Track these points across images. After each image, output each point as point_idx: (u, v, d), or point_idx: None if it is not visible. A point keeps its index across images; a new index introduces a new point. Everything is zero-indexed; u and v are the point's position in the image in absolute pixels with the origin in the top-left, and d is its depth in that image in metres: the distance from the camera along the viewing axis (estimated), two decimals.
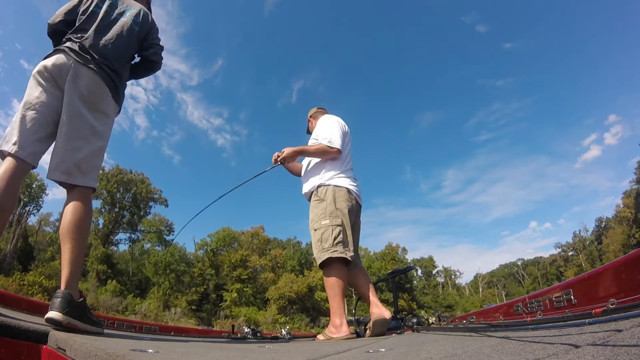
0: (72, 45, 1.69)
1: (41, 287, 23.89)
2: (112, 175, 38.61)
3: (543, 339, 0.80)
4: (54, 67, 1.61)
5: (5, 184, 1.41)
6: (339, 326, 2.30)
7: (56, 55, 1.65)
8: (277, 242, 47.38)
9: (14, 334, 1.03)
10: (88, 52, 1.69)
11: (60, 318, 1.26)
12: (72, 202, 1.50)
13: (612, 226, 47.04)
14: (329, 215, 2.49)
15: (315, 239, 2.47)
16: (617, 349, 0.56)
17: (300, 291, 35.89)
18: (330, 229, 2.43)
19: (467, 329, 1.81)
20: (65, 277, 1.39)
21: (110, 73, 1.74)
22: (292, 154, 2.76)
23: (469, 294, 62.61)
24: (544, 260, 64.51)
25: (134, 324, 3.69)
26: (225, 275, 38.27)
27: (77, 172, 1.53)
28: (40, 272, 26.75)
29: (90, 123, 1.61)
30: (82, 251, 1.47)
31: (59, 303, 1.30)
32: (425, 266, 59.47)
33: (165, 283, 33.85)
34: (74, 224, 1.45)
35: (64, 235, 1.44)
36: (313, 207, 2.62)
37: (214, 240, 40.19)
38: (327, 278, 2.40)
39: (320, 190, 2.62)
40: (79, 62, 1.64)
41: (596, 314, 0.99)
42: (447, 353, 0.82)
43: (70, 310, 1.30)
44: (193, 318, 30.85)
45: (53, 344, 1.03)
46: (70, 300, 1.33)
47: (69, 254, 1.41)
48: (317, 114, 3.12)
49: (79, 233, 1.46)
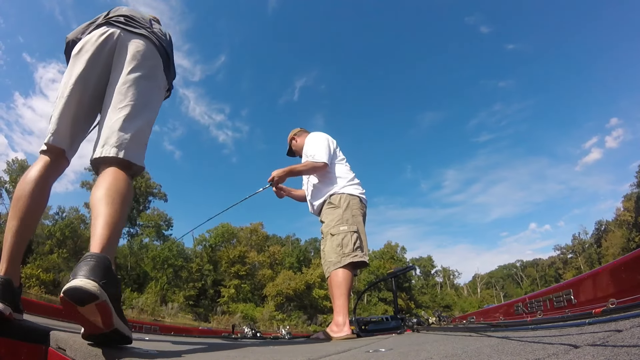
0: (116, 18, 1.51)
1: (38, 280, 23.84)
2: None
3: (543, 339, 0.80)
4: (99, 39, 1.42)
5: (39, 178, 1.26)
6: (341, 325, 2.35)
7: (96, 30, 1.47)
8: (276, 239, 47.43)
9: (14, 334, 1.03)
10: (135, 20, 1.54)
11: (94, 289, 0.79)
12: (114, 173, 1.17)
13: (611, 229, 47.03)
14: (346, 221, 2.61)
15: (335, 244, 2.56)
16: (617, 349, 0.56)
17: (298, 288, 35.95)
18: (349, 235, 2.56)
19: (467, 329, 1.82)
20: (100, 239, 0.96)
21: (162, 40, 1.57)
22: (282, 174, 2.82)
23: (467, 294, 62.70)
24: (543, 262, 64.65)
25: (134, 324, 3.69)
26: (223, 271, 38.34)
27: (130, 145, 1.25)
28: (38, 265, 26.73)
29: (141, 92, 1.37)
30: (123, 219, 1.10)
31: (92, 267, 0.84)
32: (424, 266, 59.55)
33: (163, 278, 33.94)
34: (116, 190, 1.11)
35: (101, 197, 1.07)
36: (327, 213, 2.72)
37: (213, 235, 40.27)
38: (336, 277, 2.49)
39: (334, 198, 2.72)
40: (127, 30, 1.47)
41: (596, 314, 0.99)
42: (447, 353, 0.82)
43: (107, 283, 0.84)
44: (190, 313, 30.84)
45: (53, 343, 1.02)
46: (108, 268, 0.88)
47: (107, 217, 1.02)
48: (300, 132, 3.20)
49: (120, 199, 1.09)
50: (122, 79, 1.36)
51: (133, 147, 1.26)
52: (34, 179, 1.26)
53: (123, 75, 1.37)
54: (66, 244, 33.56)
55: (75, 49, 1.44)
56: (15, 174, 33.10)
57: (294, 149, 3.21)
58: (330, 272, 2.54)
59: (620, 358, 0.50)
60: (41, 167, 1.29)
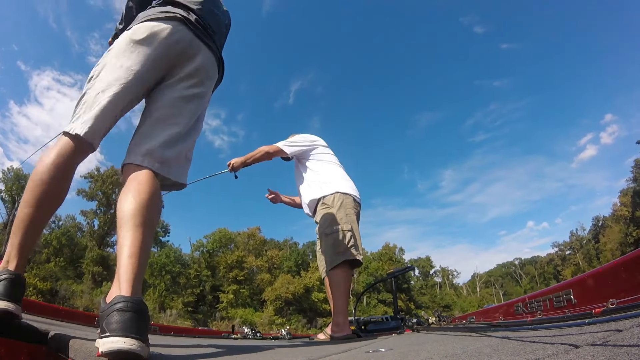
0: (187, 13, 1.33)
1: (35, 289, 23.78)
2: (107, 176, 38.34)
3: (543, 339, 0.80)
4: (171, 37, 1.25)
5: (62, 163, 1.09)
6: (341, 325, 2.35)
7: (169, 24, 1.27)
8: (273, 243, 47.25)
9: (14, 334, 1.03)
10: (206, 24, 1.39)
11: (139, 350, 0.76)
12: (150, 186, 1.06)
13: (609, 225, 47.09)
14: (339, 220, 2.60)
15: (329, 244, 2.55)
16: (617, 349, 0.56)
17: (297, 292, 35.82)
18: (342, 234, 2.54)
19: (467, 329, 1.82)
20: (130, 274, 0.88)
21: (219, 54, 1.46)
22: (239, 162, 2.85)
23: (467, 293, 62.68)
24: (541, 260, 64.67)
25: None
26: (221, 276, 38.18)
27: (174, 162, 1.19)
28: (35, 274, 26.69)
29: (195, 109, 1.28)
30: (151, 243, 1.03)
31: (130, 321, 0.78)
32: (423, 266, 59.48)
33: (161, 285, 33.70)
34: (148, 207, 1.00)
35: (132, 215, 0.96)
36: (321, 213, 2.71)
37: (210, 241, 40.08)
38: (334, 278, 2.49)
39: (328, 199, 2.72)
40: (198, 37, 1.33)
41: (596, 314, 0.99)
42: (447, 353, 0.82)
43: (145, 331, 0.81)
44: (189, 320, 30.78)
45: (53, 344, 1.03)
46: (144, 314, 0.82)
47: (137, 243, 0.93)
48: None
49: (151, 219, 1.00)
50: (181, 92, 1.26)
51: (176, 165, 1.20)
52: (57, 164, 1.08)
53: (183, 87, 1.27)
54: (63, 252, 33.32)
55: (138, 33, 1.22)
56: (10, 182, 32.86)
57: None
58: (326, 272, 2.54)
59: (620, 358, 0.50)
60: (65, 150, 1.10)
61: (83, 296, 27.96)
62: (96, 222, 38.42)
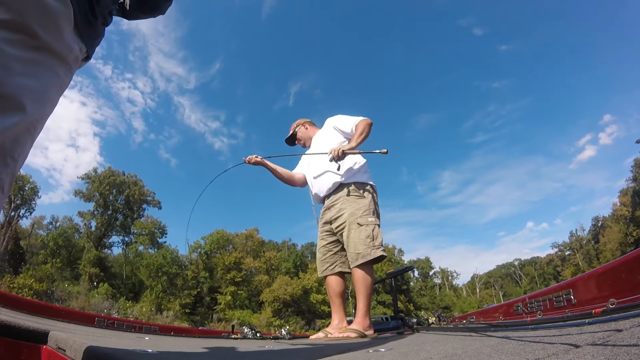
0: None
1: (31, 290, 23.72)
2: (104, 177, 38.15)
3: (543, 339, 0.80)
4: None
5: None
6: (368, 328, 2.32)
7: None
8: (272, 244, 47.09)
9: (14, 334, 1.03)
10: None
11: None
12: None
13: (609, 225, 47.09)
14: (372, 214, 2.51)
15: (364, 235, 2.42)
16: (617, 349, 0.56)
17: (295, 293, 35.62)
18: (377, 228, 2.47)
19: (467, 329, 1.81)
20: None
21: None
22: (348, 149, 2.51)
23: (466, 294, 62.65)
24: (541, 260, 64.75)
25: (134, 324, 3.69)
26: (219, 277, 38.01)
27: None
28: (31, 275, 26.63)
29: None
30: None
31: None
32: (422, 267, 59.47)
33: (158, 286, 33.56)
34: None
35: None
36: (351, 201, 2.54)
37: (208, 242, 39.96)
38: (366, 276, 2.39)
39: (359, 186, 2.58)
40: None
41: (596, 314, 0.99)
42: (447, 353, 0.82)
43: None
44: (186, 321, 30.70)
45: (53, 344, 1.02)
46: None
47: None
48: (311, 124, 3.11)
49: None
50: None
51: None
52: None
53: None
54: (60, 253, 33.17)
55: None
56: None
57: (298, 136, 3.02)
58: (358, 263, 2.39)
59: (620, 358, 0.51)
60: None
61: (79, 297, 27.87)
62: (93, 224, 38.29)
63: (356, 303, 2.44)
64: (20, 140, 0.72)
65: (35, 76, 0.71)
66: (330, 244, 2.66)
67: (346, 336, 2.24)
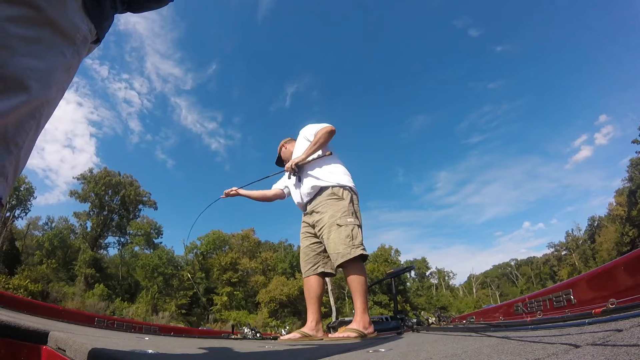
0: None
1: (26, 290, 23.65)
2: (100, 177, 37.99)
3: (543, 339, 0.80)
4: None
5: None
6: (368, 325, 2.36)
7: None
8: (268, 245, 47.05)
9: (14, 334, 1.03)
10: None
11: None
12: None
13: (605, 225, 47.22)
14: (352, 214, 2.58)
15: (343, 235, 2.51)
16: (617, 348, 0.56)
17: (291, 294, 35.47)
18: (357, 228, 2.54)
19: (467, 329, 1.82)
20: None
21: None
22: (300, 160, 2.73)
23: (463, 295, 62.69)
24: (538, 260, 64.85)
25: (134, 324, 3.69)
26: (215, 278, 37.91)
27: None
28: (26, 275, 26.58)
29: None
30: None
31: None
32: (419, 268, 59.50)
33: (154, 287, 33.47)
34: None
35: None
36: (330, 204, 2.64)
37: (204, 243, 39.86)
38: (357, 275, 2.46)
39: (337, 190, 2.67)
40: None
41: (596, 314, 0.99)
42: (447, 353, 0.82)
43: None
44: (182, 322, 30.67)
45: (53, 344, 1.02)
46: None
47: None
48: (290, 141, 3.22)
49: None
50: None
51: None
52: None
53: None
54: (55, 254, 33.07)
55: None
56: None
57: (282, 158, 3.19)
58: (338, 263, 2.49)
59: (620, 358, 0.51)
60: None
61: (75, 298, 27.81)
62: (89, 224, 38.03)
63: (353, 302, 2.49)
64: (24, 125, 0.67)
65: (39, 55, 0.66)
66: (314, 244, 2.76)
67: (346, 336, 2.28)
